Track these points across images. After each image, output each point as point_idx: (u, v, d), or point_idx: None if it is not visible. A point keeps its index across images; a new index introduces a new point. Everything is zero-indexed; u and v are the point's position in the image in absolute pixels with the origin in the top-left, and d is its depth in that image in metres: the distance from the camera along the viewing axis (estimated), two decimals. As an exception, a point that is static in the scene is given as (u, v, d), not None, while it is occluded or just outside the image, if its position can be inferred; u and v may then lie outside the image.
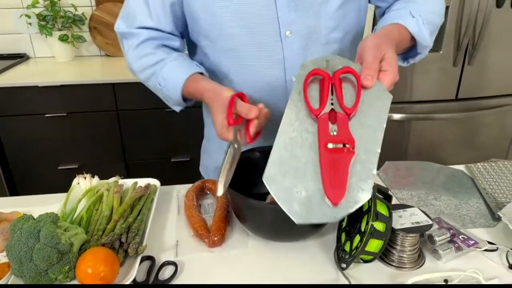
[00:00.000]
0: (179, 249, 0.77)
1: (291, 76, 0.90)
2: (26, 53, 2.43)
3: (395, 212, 0.73)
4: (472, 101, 2.17)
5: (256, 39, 0.85)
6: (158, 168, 2.20)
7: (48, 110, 2.00)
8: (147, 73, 0.91)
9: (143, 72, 0.92)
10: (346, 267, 0.69)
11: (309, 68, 0.70)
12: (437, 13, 0.91)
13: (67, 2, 2.33)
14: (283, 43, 0.86)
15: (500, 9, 1.96)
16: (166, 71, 0.88)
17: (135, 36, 0.90)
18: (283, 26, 0.84)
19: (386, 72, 0.69)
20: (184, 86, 0.86)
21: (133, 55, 0.92)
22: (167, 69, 0.88)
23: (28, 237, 0.64)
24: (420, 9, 0.86)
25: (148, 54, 0.90)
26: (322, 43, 0.89)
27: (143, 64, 0.90)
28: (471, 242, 0.74)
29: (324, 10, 0.85)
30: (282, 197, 0.60)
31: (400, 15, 0.85)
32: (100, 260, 0.64)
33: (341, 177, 0.60)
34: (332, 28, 0.88)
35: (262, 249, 0.77)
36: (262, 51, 0.87)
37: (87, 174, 0.93)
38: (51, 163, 2.12)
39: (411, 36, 0.84)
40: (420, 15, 0.84)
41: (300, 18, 0.84)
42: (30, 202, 0.92)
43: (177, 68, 0.87)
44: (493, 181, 0.99)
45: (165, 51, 0.91)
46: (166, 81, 0.88)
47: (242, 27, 0.84)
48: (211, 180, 0.95)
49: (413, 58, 0.92)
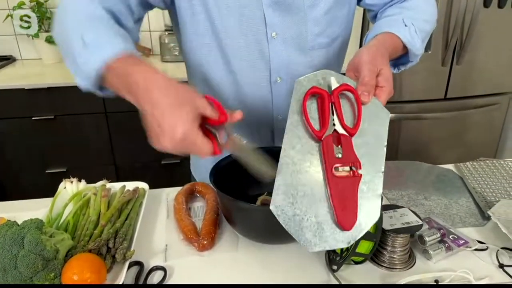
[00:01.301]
0: (168, 254, 0.76)
1: (276, 77, 0.90)
2: (13, 55, 2.39)
3: (386, 213, 0.73)
4: (460, 101, 2.19)
5: (244, 37, 0.84)
6: (148, 170, 2.18)
7: (35, 113, 1.97)
8: (77, 20, 0.69)
9: (74, 16, 0.70)
10: (337, 269, 0.68)
11: (305, 85, 0.68)
12: (430, 20, 0.91)
13: (54, 3, 2.30)
14: (269, 44, 0.86)
15: (488, 9, 1.98)
16: (103, 32, 0.67)
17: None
18: (269, 27, 0.84)
19: (383, 88, 0.68)
20: (115, 60, 0.62)
21: (77, 1, 0.71)
22: (105, 31, 0.67)
23: (12, 244, 0.63)
24: (414, 17, 0.85)
25: (94, 9, 0.70)
26: (308, 47, 0.89)
27: (82, 10, 0.70)
28: (461, 242, 0.74)
29: (311, 15, 0.85)
30: (293, 227, 0.59)
31: (393, 23, 0.83)
32: (87, 267, 0.63)
33: (352, 202, 0.59)
34: (318, 33, 0.88)
35: (252, 252, 0.76)
36: (249, 50, 0.86)
37: (74, 178, 0.92)
38: (39, 167, 2.08)
39: (403, 45, 0.83)
40: (413, 24, 0.83)
41: (285, 21, 0.84)
42: (15, 207, 0.90)
43: (118, 36, 0.67)
44: (482, 180, 0.99)
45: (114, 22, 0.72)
46: (96, 40, 0.65)
47: (232, 24, 0.83)
48: (200, 183, 0.94)
49: (404, 66, 0.92)
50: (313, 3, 0.84)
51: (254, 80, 0.90)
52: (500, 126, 2.33)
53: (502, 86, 2.22)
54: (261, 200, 0.85)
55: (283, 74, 0.90)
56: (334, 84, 0.68)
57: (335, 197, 0.59)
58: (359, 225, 0.58)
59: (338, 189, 0.59)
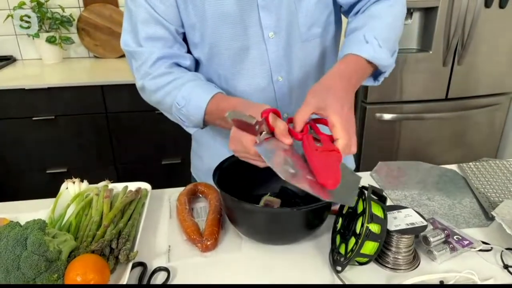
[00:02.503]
0: (171, 255, 0.75)
1: (278, 77, 0.91)
2: (13, 55, 2.39)
3: (390, 214, 0.72)
4: (461, 101, 2.18)
5: (242, 43, 0.86)
6: (149, 170, 2.18)
7: (36, 113, 1.96)
8: (163, 92, 0.86)
9: (158, 92, 0.87)
10: (341, 270, 0.68)
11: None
12: (396, 25, 0.87)
13: (55, 3, 2.29)
14: (267, 44, 0.87)
15: (489, 9, 1.97)
16: (186, 90, 0.83)
17: (144, 55, 0.86)
18: (265, 28, 0.85)
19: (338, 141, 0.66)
20: (208, 107, 0.81)
21: (146, 74, 0.87)
22: (187, 88, 0.83)
23: (15, 245, 0.62)
24: (376, 27, 0.82)
25: (163, 73, 0.86)
26: (303, 39, 0.90)
27: (159, 83, 0.86)
28: (466, 243, 0.73)
29: (301, 7, 0.86)
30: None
31: (355, 43, 0.80)
32: (90, 268, 0.63)
33: (334, 169, 0.63)
34: (310, 25, 0.89)
35: (255, 253, 0.76)
36: (249, 54, 0.87)
37: (76, 179, 0.91)
38: (39, 167, 2.08)
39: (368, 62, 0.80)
40: (375, 38, 0.79)
41: (278, 18, 0.85)
42: (17, 208, 0.90)
43: (198, 87, 0.83)
44: (485, 180, 0.99)
45: (180, 70, 0.88)
46: (186, 100, 0.83)
47: (228, 32, 0.85)
48: (203, 183, 0.94)
49: (382, 75, 0.88)
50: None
51: (256, 82, 0.91)
52: (501, 126, 2.33)
53: (503, 86, 2.22)
54: (264, 200, 0.85)
55: (284, 72, 0.91)
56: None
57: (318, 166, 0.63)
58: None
59: (320, 160, 0.63)
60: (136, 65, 0.88)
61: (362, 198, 0.70)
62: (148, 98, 0.92)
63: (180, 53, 0.89)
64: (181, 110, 0.84)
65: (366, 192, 0.69)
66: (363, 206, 0.68)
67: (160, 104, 0.90)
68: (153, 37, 0.85)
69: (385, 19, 0.84)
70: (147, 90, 0.89)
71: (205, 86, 0.84)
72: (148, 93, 0.90)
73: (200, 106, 0.81)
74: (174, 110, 0.86)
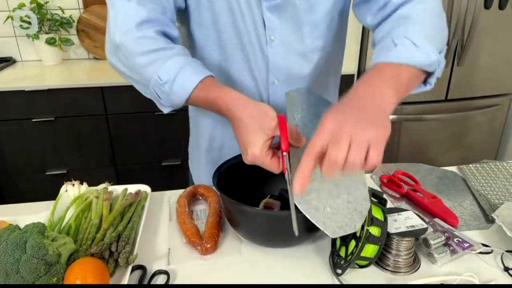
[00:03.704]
0: (171, 257, 0.75)
1: (274, 79, 0.90)
2: (13, 57, 2.39)
3: (390, 216, 0.72)
4: (461, 102, 2.19)
5: (243, 37, 0.85)
6: (149, 172, 2.18)
7: (36, 115, 1.96)
8: (146, 59, 0.75)
9: (140, 56, 0.75)
10: (341, 273, 0.68)
11: (293, 96, 0.79)
12: (432, 21, 0.77)
13: (54, 5, 2.29)
14: (268, 46, 0.86)
15: (488, 10, 1.98)
16: (173, 65, 0.74)
17: (131, 11, 0.75)
18: (268, 30, 0.84)
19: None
20: (195, 89, 0.73)
21: (129, 31, 0.75)
22: (174, 63, 0.74)
23: (14, 249, 0.62)
24: (408, 28, 0.73)
25: (151, 37, 0.75)
26: (307, 50, 0.89)
27: (144, 46, 0.75)
28: (466, 245, 0.73)
29: (309, 18, 0.85)
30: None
31: (383, 49, 0.72)
32: (89, 271, 0.62)
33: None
34: (317, 37, 0.88)
35: (255, 255, 0.76)
36: (248, 51, 0.86)
37: (75, 181, 0.91)
38: (39, 169, 2.08)
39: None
40: (407, 37, 0.70)
41: (284, 24, 0.84)
42: (17, 210, 0.90)
43: (187, 65, 0.74)
44: (486, 182, 0.99)
45: (166, 41, 0.78)
46: (171, 76, 0.73)
47: (235, 23, 0.83)
48: (202, 186, 0.94)
49: (432, 77, 0.76)
50: (311, 6, 0.84)
51: (251, 80, 0.90)
52: (501, 128, 2.33)
53: (503, 87, 2.22)
54: (264, 203, 0.85)
55: (281, 76, 0.90)
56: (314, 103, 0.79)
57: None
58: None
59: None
60: (118, 18, 0.76)
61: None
62: (123, 61, 0.78)
63: (170, 23, 0.80)
64: (162, 87, 0.74)
65: (366, 195, 0.69)
66: (363, 208, 0.68)
67: (137, 72, 0.77)
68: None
69: (416, 18, 0.74)
70: (126, 50, 0.76)
71: (195, 65, 0.76)
72: (125, 55, 0.76)
73: (187, 88, 0.73)
74: (153, 83, 0.75)
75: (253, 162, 0.67)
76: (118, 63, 0.80)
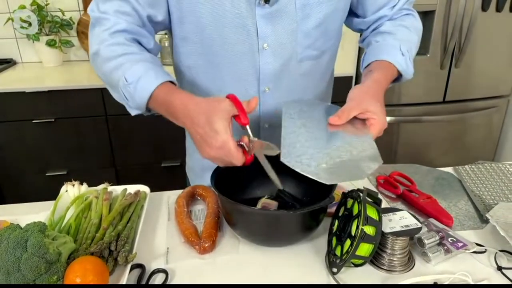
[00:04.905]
0: (169, 256, 0.76)
1: (265, 88, 0.91)
2: (13, 58, 2.40)
3: (385, 216, 0.73)
4: (459, 104, 2.20)
5: (235, 47, 0.85)
6: (148, 173, 2.19)
7: (36, 116, 1.97)
8: (115, 63, 0.80)
9: (111, 61, 0.80)
10: (337, 272, 0.69)
11: (291, 107, 0.83)
12: (417, 42, 0.96)
13: (55, 7, 2.31)
14: (260, 55, 0.86)
15: (486, 12, 1.99)
16: (139, 67, 0.78)
17: (110, 22, 0.81)
18: (261, 38, 0.84)
19: (373, 120, 0.77)
20: (155, 91, 0.76)
21: (104, 40, 0.81)
22: (140, 66, 0.78)
23: (15, 247, 0.63)
24: (408, 41, 0.91)
25: (121, 43, 0.80)
26: (297, 59, 0.89)
27: (114, 51, 0.80)
28: (460, 245, 0.74)
29: (302, 27, 0.85)
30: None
31: (391, 51, 0.89)
32: (89, 270, 0.63)
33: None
34: (308, 46, 0.89)
35: (253, 254, 0.77)
36: (239, 60, 0.87)
37: (75, 182, 0.92)
38: (39, 170, 2.09)
39: (397, 70, 0.89)
40: (408, 51, 0.89)
41: (277, 32, 0.84)
42: (17, 210, 0.91)
43: (151, 70, 0.78)
44: (481, 183, 1.00)
45: (139, 48, 0.83)
46: (135, 78, 0.77)
47: (223, 34, 0.83)
48: (201, 186, 0.95)
49: (397, 82, 0.95)
50: (307, 15, 0.84)
51: (242, 89, 0.90)
52: (498, 129, 2.35)
53: (500, 89, 2.24)
54: (261, 203, 0.86)
55: (272, 84, 0.90)
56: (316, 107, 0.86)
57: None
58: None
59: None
60: (98, 31, 0.82)
61: (358, 200, 0.71)
62: (99, 68, 0.84)
63: (146, 34, 0.85)
64: (127, 87, 0.78)
65: (361, 195, 0.70)
66: (358, 208, 0.69)
67: (109, 77, 0.82)
68: (124, 12, 0.81)
69: (413, 34, 0.94)
70: (101, 57, 0.82)
71: (159, 71, 0.79)
72: (101, 61, 0.82)
73: (147, 89, 0.76)
74: (121, 84, 0.79)
75: (221, 151, 0.68)
76: (97, 70, 0.85)
